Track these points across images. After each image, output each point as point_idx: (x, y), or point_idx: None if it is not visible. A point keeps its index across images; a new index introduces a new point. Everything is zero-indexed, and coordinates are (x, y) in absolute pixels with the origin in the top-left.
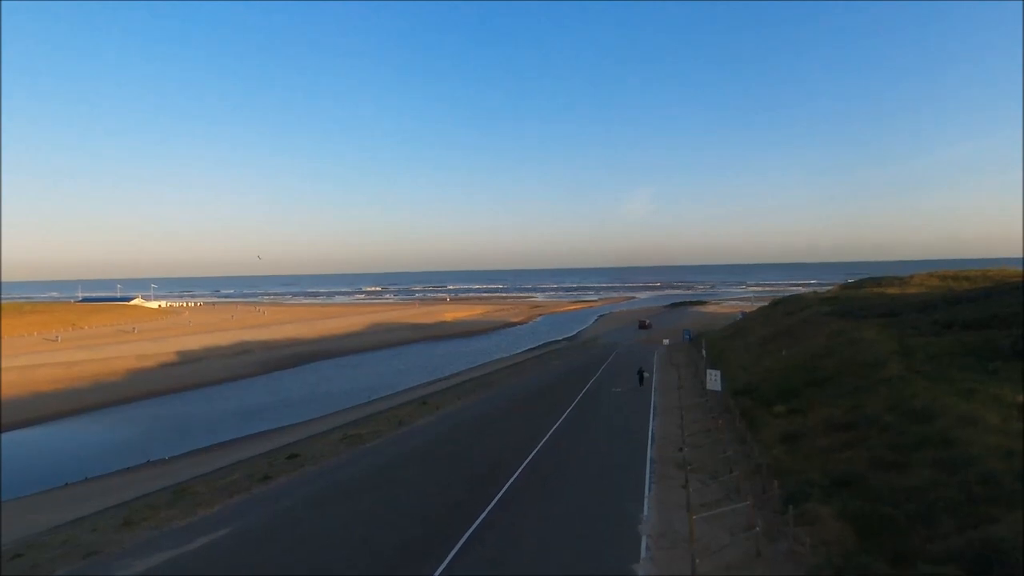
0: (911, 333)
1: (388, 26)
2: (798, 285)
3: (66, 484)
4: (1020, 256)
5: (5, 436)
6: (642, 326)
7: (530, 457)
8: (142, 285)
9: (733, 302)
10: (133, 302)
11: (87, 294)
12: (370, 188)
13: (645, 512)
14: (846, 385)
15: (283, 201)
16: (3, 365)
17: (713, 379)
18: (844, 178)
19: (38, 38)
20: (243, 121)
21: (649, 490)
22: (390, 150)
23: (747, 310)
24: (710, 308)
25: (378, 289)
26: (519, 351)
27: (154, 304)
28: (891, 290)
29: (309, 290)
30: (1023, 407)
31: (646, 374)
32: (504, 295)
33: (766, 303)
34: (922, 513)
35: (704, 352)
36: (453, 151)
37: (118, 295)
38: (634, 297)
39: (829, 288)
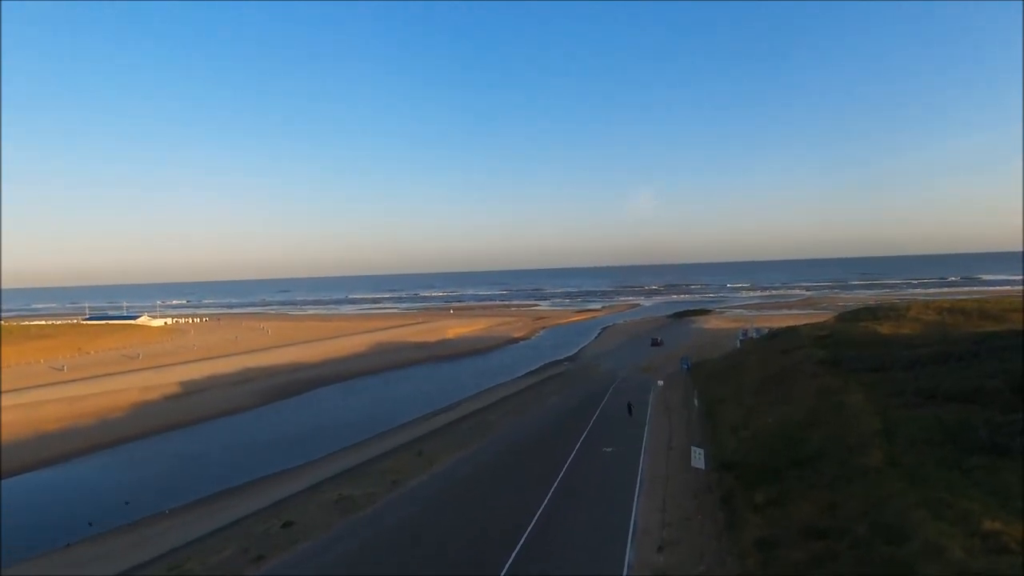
0: (895, 404)
1: (388, 26)
2: (801, 287)
3: (68, 545)
4: (1020, 250)
5: (6, 482)
6: (654, 343)
7: (514, 554)
8: (143, 291)
9: (737, 311)
10: (139, 320)
11: (94, 311)
12: (371, 189)
13: None
14: (827, 472)
15: (283, 204)
16: (8, 403)
17: (697, 457)
18: (848, 174)
19: (38, 39)
20: (243, 125)
21: None
22: (390, 150)
23: (747, 325)
24: (712, 323)
25: (385, 296)
26: (519, 375)
27: (159, 322)
28: (885, 328)
29: (311, 298)
30: (987, 535)
31: (634, 408)
32: (507, 303)
33: (768, 318)
34: None
35: (696, 401)
36: (454, 151)
37: (124, 312)
38: (638, 304)
39: (831, 291)
